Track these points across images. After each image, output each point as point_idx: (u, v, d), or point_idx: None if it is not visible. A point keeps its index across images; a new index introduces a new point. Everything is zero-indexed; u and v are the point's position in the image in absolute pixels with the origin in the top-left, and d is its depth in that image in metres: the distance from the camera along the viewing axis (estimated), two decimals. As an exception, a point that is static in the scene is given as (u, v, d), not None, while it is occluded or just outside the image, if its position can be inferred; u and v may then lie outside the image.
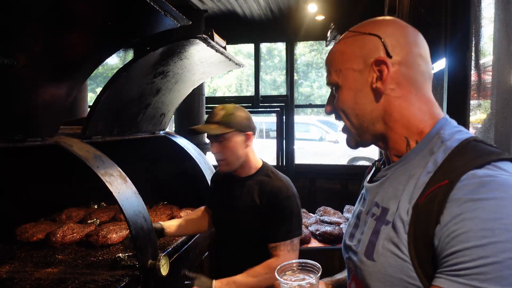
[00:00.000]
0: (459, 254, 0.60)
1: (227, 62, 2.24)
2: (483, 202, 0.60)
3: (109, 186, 1.44)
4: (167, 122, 2.54)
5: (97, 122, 1.74)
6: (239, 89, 15.29)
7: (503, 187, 0.61)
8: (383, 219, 0.74)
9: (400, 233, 0.69)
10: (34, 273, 1.59)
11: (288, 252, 1.58)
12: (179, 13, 1.31)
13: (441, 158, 0.69)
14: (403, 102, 0.77)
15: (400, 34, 0.77)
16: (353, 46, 0.80)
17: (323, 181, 4.88)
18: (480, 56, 1.82)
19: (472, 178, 0.62)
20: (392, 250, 0.70)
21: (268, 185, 1.66)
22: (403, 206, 0.70)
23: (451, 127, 0.75)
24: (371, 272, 0.74)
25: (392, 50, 0.76)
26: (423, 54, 0.78)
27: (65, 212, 2.40)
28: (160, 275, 1.49)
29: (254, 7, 4.49)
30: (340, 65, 0.81)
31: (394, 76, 0.76)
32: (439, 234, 0.63)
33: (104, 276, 1.55)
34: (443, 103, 1.98)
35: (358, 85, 0.79)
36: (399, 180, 0.75)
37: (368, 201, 0.83)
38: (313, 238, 2.73)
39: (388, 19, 0.81)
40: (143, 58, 1.68)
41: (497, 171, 0.63)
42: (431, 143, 0.74)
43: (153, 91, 2.05)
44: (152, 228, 1.57)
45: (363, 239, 0.79)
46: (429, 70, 0.79)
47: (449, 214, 0.62)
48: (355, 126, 0.82)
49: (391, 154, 0.81)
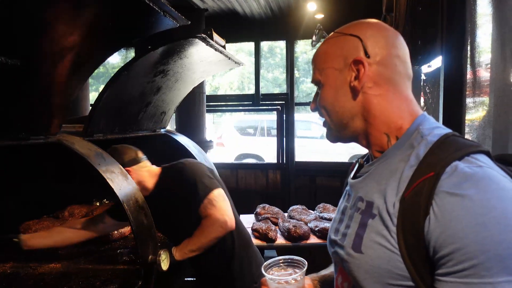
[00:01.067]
0: (460, 252, 0.61)
1: (227, 61, 2.26)
2: (470, 197, 0.62)
3: (110, 183, 1.47)
4: (167, 120, 2.57)
5: (99, 120, 1.77)
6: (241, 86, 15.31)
7: (484, 180, 0.64)
8: (369, 213, 0.77)
9: (388, 225, 0.71)
10: (38, 268, 1.63)
11: (213, 206, 1.67)
12: (178, 13, 1.34)
13: (422, 152, 0.72)
14: (381, 100, 0.81)
15: (379, 36, 0.81)
16: (335, 46, 0.84)
17: (323, 178, 4.91)
18: (475, 54, 1.84)
19: (456, 170, 0.65)
20: (380, 242, 0.72)
21: (167, 182, 1.79)
22: (389, 199, 0.73)
23: (430, 123, 0.79)
24: (359, 264, 0.76)
25: (371, 51, 0.80)
26: (401, 55, 0.82)
27: (68, 209, 2.44)
28: (161, 270, 1.52)
29: (254, 6, 4.51)
30: (323, 64, 0.86)
31: (372, 75, 0.80)
32: (432, 229, 0.65)
33: (106, 271, 1.59)
34: (440, 100, 2.00)
35: (338, 83, 0.83)
36: (382, 174, 0.78)
37: (352, 196, 0.86)
38: (312, 234, 2.76)
39: (370, 22, 0.85)
40: (143, 57, 1.70)
41: (477, 162, 0.66)
42: (411, 139, 0.77)
43: (153, 89, 2.08)
44: (152, 224, 1.60)
45: (349, 232, 0.81)
46: (407, 70, 0.83)
47: (439, 209, 0.64)
48: (334, 122, 0.86)
49: (373, 150, 0.84)
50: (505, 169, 0.70)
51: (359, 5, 4.31)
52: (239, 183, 5.14)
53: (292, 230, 2.65)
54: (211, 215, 1.67)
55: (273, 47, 13.59)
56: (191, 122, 4.28)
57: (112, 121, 1.90)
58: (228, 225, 1.67)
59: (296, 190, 5.03)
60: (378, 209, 0.74)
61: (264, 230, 2.69)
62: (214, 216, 1.66)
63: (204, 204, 1.69)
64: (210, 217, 1.67)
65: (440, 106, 1.99)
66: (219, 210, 1.67)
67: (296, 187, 5.04)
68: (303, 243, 2.66)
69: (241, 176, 5.15)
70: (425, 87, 2.72)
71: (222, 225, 1.65)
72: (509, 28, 1.52)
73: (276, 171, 5.14)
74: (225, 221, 1.66)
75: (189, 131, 4.12)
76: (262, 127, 9.85)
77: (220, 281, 1.84)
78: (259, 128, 9.86)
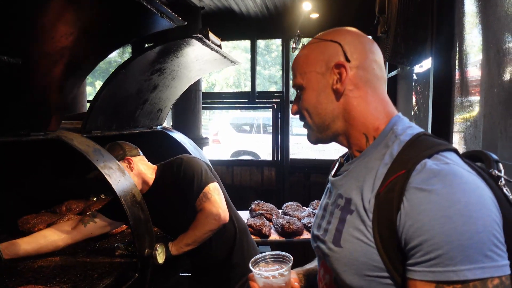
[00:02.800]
0: (428, 243, 0.66)
1: (222, 60, 2.31)
2: (437, 192, 0.67)
3: (108, 178, 1.52)
4: (164, 117, 2.62)
5: (97, 117, 1.81)
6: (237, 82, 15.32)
7: (450, 176, 0.69)
8: (348, 209, 0.82)
9: (364, 220, 0.76)
10: (37, 261, 1.67)
11: (208, 200, 1.72)
12: (174, 14, 1.38)
13: (396, 150, 0.78)
14: (361, 102, 0.86)
15: (358, 42, 0.87)
16: (317, 51, 0.89)
17: (317, 175, 4.97)
18: (463, 56, 1.90)
19: (425, 167, 0.71)
20: (357, 237, 0.77)
21: (166, 177, 1.83)
22: (365, 196, 0.78)
23: (404, 123, 0.85)
24: (338, 257, 0.81)
25: (351, 56, 0.86)
26: (377, 59, 0.88)
27: (65, 204, 2.47)
28: (157, 263, 1.57)
29: (250, 4, 4.55)
30: (305, 68, 0.90)
31: (352, 78, 0.86)
32: (402, 222, 0.70)
33: (104, 264, 1.63)
34: (429, 100, 2.07)
35: (321, 86, 0.88)
36: (360, 172, 0.83)
37: (333, 193, 0.91)
38: (306, 230, 2.82)
39: (348, 29, 0.91)
40: (140, 56, 1.75)
41: (444, 159, 0.72)
42: (386, 138, 0.83)
43: (150, 87, 2.12)
44: (149, 218, 1.65)
45: (330, 228, 0.86)
46: (383, 74, 0.89)
47: (409, 203, 0.69)
48: (316, 124, 0.91)
49: (353, 150, 0.90)
50: (473, 165, 0.76)
51: (353, 6, 4.37)
52: (235, 180, 5.19)
53: (286, 226, 2.70)
54: (205, 208, 1.71)
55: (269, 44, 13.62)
56: (187, 119, 4.31)
57: (110, 118, 1.94)
58: (222, 217, 1.71)
59: (290, 186, 5.09)
60: (356, 205, 0.79)
61: (258, 226, 2.74)
62: (208, 209, 1.71)
63: (200, 197, 1.73)
64: (204, 210, 1.71)
65: (429, 105, 2.05)
66: (213, 203, 1.72)
67: (291, 183, 5.10)
68: (296, 239, 2.71)
69: (237, 173, 5.20)
70: (416, 86, 2.78)
71: (216, 217, 1.70)
72: (493, 32, 1.57)
73: (271, 168, 5.19)
74: (218, 214, 1.70)
75: (185, 128, 4.15)
76: (258, 124, 9.89)
77: (221, 269, 1.91)
78: (255, 125, 9.90)
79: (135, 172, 1.81)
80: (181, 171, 1.79)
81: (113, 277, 1.51)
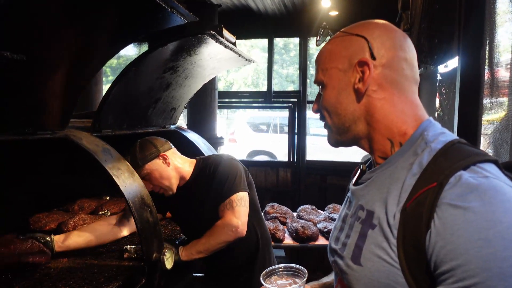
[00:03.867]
0: (462, 269, 0.58)
1: (237, 58, 2.24)
2: (474, 210, 0.59)
3: (116, 179, 1.47)
4: (177, 117, 2.57)
5: (107, 115, 1.77)
6: (255, 81, 15.27)
7: (490, 192, 0.60)
8: (369, 223, 0.73)
9: (388, 237, 0.68)
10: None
11: (229, 210, 1.67)
12: (186, 9, 1.32)
13: (426, 160, 0.69)
14: (385, 104, 0.77)
15: (386, 37, 0.78)
16: (340, 46, 0.81)
17: (334, 178, 4.86)
18: (494, 54, 1.77)
19: (460, 181, 0.62)
20: (379, 255, 0.69)
21: (205, 170, 1.79)
22: (390, 209, 0.69)
23: (435, 129, 0.75)
24: (358, 277, 0.73)
25: (377, 52, 0.77)
26: (408, 58, 0.78)
27: (78, 202, 2.45)
28: (165, 268, 1.52)
29: (267, 2, 4.48)
30: (326, 64, 0.83)
31: (376, 78, 0.77)
32: (433, 242, 0.62)
33: (111, 267, 1.59)
34: (455, 102, 1.95)
35: (342, 85, 0.80)
36: (384, 183, 0.74)
37: (353, 204, 0.83)
38: (321, 235, 2.73)
39: (378, 22, 0.82)
40: (152, 53, 1.69)
41: (483, 172, 0.63)
42: (415, 145, 0.74)
43: (163, 86, 2.07)
44: (158, 221, 1.59)
45: (349, 243, 0.78)
46: (414, 74, 0.79)
47: (441, 221, 0.61)
48: (336, 125, 0.83)
49: (376, 156, 0.81)
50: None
51: (374, 3, 4.23)
52: (250, 180, 5.10)
53: (300, 231, 2.62)
54: (226, 217, 1.66)
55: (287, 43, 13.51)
56: (202, 118, 4.27)
57: (121, 116, 1.90)
58: (239, 231, 1.64)
59: (306, 188, 4.99)
60: (379, 219, 0.71)
61: (272, 229, 2.67)
62: (229, 218, 1.65)
63: (225, 203, 1.68)
64: (224, 218, 1.66)
65: (455, 108, 1.93)
66: (235, 213, 1.66)
67: (306, 185, 5.00)
68: (311, 244, 2.63)
69: (252, 173, 5.11)
70: (440, 87, 2.65)
71: (233, 229, 1.63)
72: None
73: (286, 169, 5.11)
74: (237, 226, 1.63)
75: (199, 127, 4.11)
76: (275, 124, 9.80)
77: (239, 277, 1.85)
78: (272, 125, 9.82)
79: (172, 168, 1.76)
80: (217, 171, 1.74)
81: (119, 282, 1.46)
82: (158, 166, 1.73)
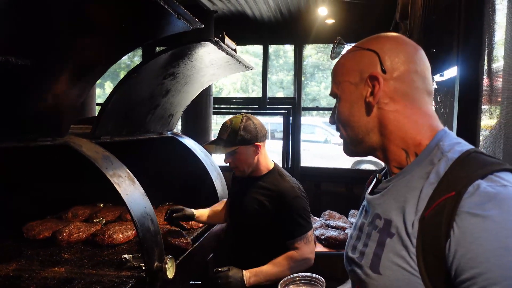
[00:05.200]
0: (482, 277, 0.59)
1: (237, 65, 2.24)
2: (493, 219, 0.60)
3: (117, 187, 1.44)
4: (175, 123, 2.55)
5: (107, 122, 1.74)
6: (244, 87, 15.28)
7: (508, 201, 0.61)
8: (387, 232, 0.74)
9: (407, 246, 0.69)
10: (41, 272, 1.59)
11: (305, 245, 1.75)
12: (192, 16, 1.31)
13: (443, 169, 0.70)
14: (398, 116, 0.79)
15: (397, 50, 0.80)
16: (353, 60, 0.84)
17: (328, 184, 4.86)
18: (492, 64, 1.80)
19: (478, 190, 0.63)
20: (399, 263, 0.70)
21: (277, 186, 1.81)
22: (408, 218, 0.70)
23: (450, 138, 0.77)
24: (377, 285, 0.74)
25: (388, 66, 0.79)
26: (419, 70, 0.80)
27: (72, 210, 2.41)
28: (166, 278, 1.49)
29: (263, 9, 4.49)
30: (340, 78, 0.85)
31: (388, 91, 0.79)
32: (453, 251, 0.62)
33: (110, 277, 1.55)
34: (454, 111, 1.96)
35: (354, 98, 0.82)
36: (401, 192, 0.75)
37: (370, 213, 0.84)
38: (318, 242, 2.72)
39: (389, 36, 0.84)
40: (154, 60, 1.68)
41: (500, 181, 0.64)
42: (431, 155, 0.75)
43: (162, 92, 2.05)
44: (159, 230, 1.57)
45: (367, 251, 0.79)
46: (427, 86, 0.81)
47: (460, 230, 0.62)
48: (350, 136, 0.86)
49: (391, 166, 0.82)
50: None
51: (372, 12, 4.26)
52: (243, 187, 5.07)
53: (298, 238, 2.60)
54: (303, 250, 1.74)
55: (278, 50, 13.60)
56: (197, 124, 4.25)
57: (121, 123, 1.87)
58: (311, 263, 1.77)
59: (300, 195, 4.98)
60: (397, 228, 0.72)
61: (269, 236, 2.65)
62: (306, 253, 1.75)
63: (301, 238, 1.75)
64: (301, 251, 1.74)
65: (454, 117, 1.95)
66: (310, 248, 1.77)
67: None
68: (308, 252, 2.61)
69: (245, 180, 5.10)
70: (436, 96, 2.68)
71: (308, 262, 1.75)
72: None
73: (281, 176, 5.09)
74: (311, 259, 1.76)
75: (195, 133, 4.09)
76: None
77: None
78: (264, 131, 9.80)
79: (257, 158, 1.84)
80: (291, 203, 1.76)
81: (119, 292, 1.43)
82: (249, 151, 1.80)
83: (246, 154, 1.80)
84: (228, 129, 1.78)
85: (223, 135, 1.79)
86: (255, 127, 1.80)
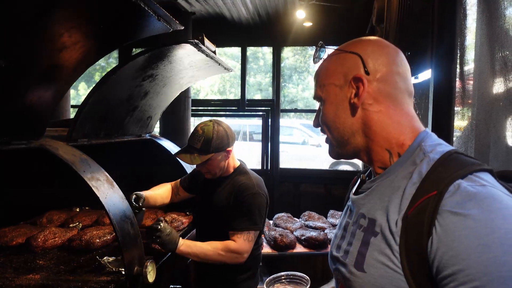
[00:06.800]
0: (463, 274, 0.61)
1: (216, 67, 2.23)
2: (473, 217, 0.62)
3: (96, 191, 1.41)
4: (153, 125, 2.52)
5: (84, 124, 1.71)
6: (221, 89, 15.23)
7: (488, 200, 0.63)
8: (372, 231, 0.76)
9: (391, 244, 0.71)
10: (15, 279, 1.53)
11: (244, 241, 1.79)
12: (172, 17, 1.30)
13: (425, 169, 0.72)
14: (382, 116, 0.81)
15: (379, 53, 0.82)
16: (336, 63, 0.85)
17: (307, 185, 4.91)
18: (464, 67, 1.87)
19: (459, 189, 0.65)
20: (382, 261, 0.71)
21: (239, 182, 1.89)
22: (391, 217, 0.72)
23: (432, 139, 0.79)
24: (361, 283, 0.75)
25: (371, 68, 0.80)
26: (401, 72, 0.82)
27: (46, 215, 2.33)
28: (147, 282, 1.47)
29: (242, 11, 4.50)
30: (324, 81, 0.86)
31: (371, 92, 0.80)
32: (434, 248, 0.64)
33: (89, 283, 1.51)
34: (429, 113, 2.03)
35: (339, 100, 0.84)
36: (385, 192, 0.77)
37: (354, 212, 0.85)
38: (298, 243, 2.74)
39: (371, 39, 0.86)
40: (132, 61, 1.66)
41: (480, 181, 0.66)
42: (414, 155, 0.77)
43: (141, 94, 2.02)
44: (139, 233, 1.54)
45: (351, 250, 0.80)
46: (408, 86, 0.83)
47: (442, 228, 0.64)
48: (336, 138, 0.86)
49: (375, 166, 0.84)
50: (508, 186, 0.70)
51: (348, 15, 4.35)
52: (223, 189, 5.05)
53: (279, 239, 2.62)
54: (237, 244, 1.77)
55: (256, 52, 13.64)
56: (175, 126, 4.21)
57: (98, 125, 1.83)
58: (241, 261, 1.79)
59: (280, 196, 5.02)
60: (381, 227, 0.74)
61: (250, 238, 2.65)
62: (240, 247, 1.77)
63: (242, 233, 1.79)
64: (235, 243, 1.77)
65: (429, 119, 2.01)
66: (246, 245, 1.78)
67: (281, 193, 5.03)
68: (289, 252, 2.63)
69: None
70: (411, 98, 2.75)
71: (239, 258, 1.78)
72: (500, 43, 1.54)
73: (260, 177, 5.11)
74: (243, 257, 1.78)
75: (173, 135, 4.04)
76: (244, 132, 9.80)
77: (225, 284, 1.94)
78: (242, 133, 9.81)
79: (227, 161, 1.91)
80: (244, 198, 1.83)
81: (99, 298, 1.39)
82: (221, 157, 1.87)
83: (219, 160, 1.87)
84: (201, 138, 1.83)
85: (196, 144, 1.84)
86: (226, 132, 1.87)
